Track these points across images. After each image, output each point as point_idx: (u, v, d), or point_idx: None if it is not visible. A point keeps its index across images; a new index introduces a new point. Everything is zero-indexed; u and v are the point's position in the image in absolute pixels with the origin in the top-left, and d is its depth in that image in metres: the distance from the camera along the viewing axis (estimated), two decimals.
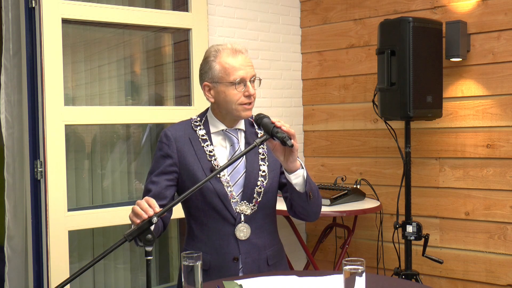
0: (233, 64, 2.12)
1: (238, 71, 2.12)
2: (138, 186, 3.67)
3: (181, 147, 2.17)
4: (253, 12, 4.00)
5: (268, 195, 2.21)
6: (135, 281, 3.68)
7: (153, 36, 3.76)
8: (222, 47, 2.17)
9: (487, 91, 3.47)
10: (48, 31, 2.97)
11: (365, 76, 4.01)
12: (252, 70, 2.16)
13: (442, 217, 3.67)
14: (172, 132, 2.20)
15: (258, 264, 2.19)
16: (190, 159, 2.16)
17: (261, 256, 2.19)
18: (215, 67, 2.14)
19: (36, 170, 3.00)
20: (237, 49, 2.16)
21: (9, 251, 3.09)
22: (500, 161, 3.43)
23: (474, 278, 3.56)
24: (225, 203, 2.14)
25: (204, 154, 2.17)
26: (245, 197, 2.17)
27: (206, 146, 2.18)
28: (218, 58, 2.14)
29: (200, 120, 2.23)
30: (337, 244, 4.12)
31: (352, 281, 1.67)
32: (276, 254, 2.27)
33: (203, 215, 2.17)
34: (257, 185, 2.18)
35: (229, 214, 2.15)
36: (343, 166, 4.15)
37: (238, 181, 2.17)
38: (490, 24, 3.44)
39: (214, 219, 2.16)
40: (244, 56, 2.16)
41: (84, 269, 1.65)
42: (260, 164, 2.20)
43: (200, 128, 2.21)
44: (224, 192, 2.14)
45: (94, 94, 3.59)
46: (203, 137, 2.19)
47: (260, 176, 2.19)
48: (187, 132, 2.20)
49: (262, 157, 2.22)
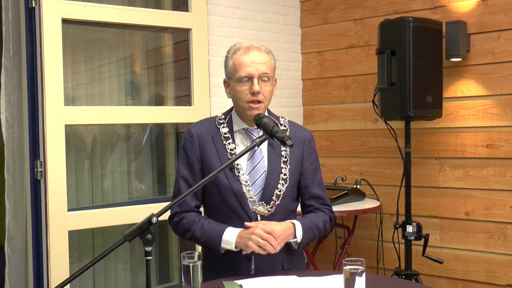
0: (242, 61, 2.12)
1: (246, 67, 2.11)
2: (138, 186, 3.67)
3: (203, 144, 2.17)
4: (253, 12, 4.00)
5: (286, 199, 2.18)
6: (135, 281, 3.68)
7: (153, 36, 3.76)
8: (241, 44, 2.17)
9: (487, 91, 3.47)
10: (48, 31, 2.97)
11: (365, 76, 4.01)
12: (264, 67, 2.12)
13: (442, 217, 3.67)
14: (196, 129, 2.21)
15: (272, 267, 2.15)
16: (211, 156, 2.16)
17: (277, 260, 2.16)
18: (229, 63, 2.16)
19: (36, 170, 3.00)
20: (252, 46, 2.14)
21: (9, 251, 3.09)
22: (500, 161, 3.43)
23: (474, 278, 3.56)
24: (242, 202, 2.13)
25: (225, 152, 2.16)
26: (264, 198, 2.15)
27: (228, 144, 2.17)
28: (234, 54, 2.15)
29: (224, 118, 2.23)
30: (337, 244, 4.12)
31: (352, 281, 1.67)
32: (295, 259, 2.22)
33: (220, 213, 2.17)
34: (277, 188, 2.16)
35: (245, 213, 2.13)
36: (343, 166, 4.15)
37: (257, 181, 2.15)
38: (490, 24, 3.44)
39: (230, 217, 2.15)
40: (258, 53, 2.13)
41: (84, 269, 1.65)
42: (282, 167, 2.18)
43: (224, 126, 2.21)
44: (241, 192, 2.13)
45: (94, 94, 3.59)
46: (226, 135, 2.19)
47: (281, 179, 2.17)
48: (210, 130, 2.20)
49: (285, 159, 2.20)
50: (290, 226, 2.11)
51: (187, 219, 2.15)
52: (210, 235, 2.09)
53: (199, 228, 2.12)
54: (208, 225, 2.12)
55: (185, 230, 2.16)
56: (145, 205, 3.31)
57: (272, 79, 2.16)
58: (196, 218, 2.16)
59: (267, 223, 2.06)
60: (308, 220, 2.19)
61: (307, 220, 2.19)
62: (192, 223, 2.14)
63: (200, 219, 2.15)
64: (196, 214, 2.19)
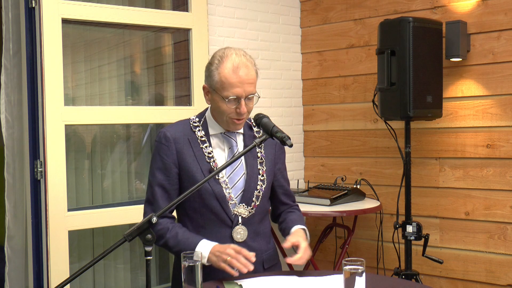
0: (231, 81, 2.05)
1: (234, 88, 2.05)
2: (138, 186, 3.67)
3: (180, 148, 2.15)
4: (253, 12, 4.00)
5: (264, 200, 2.22)
6: (135, 281, 3.68)
7: (153, 36, 3.76)
8: (227, 57, 2.08)
9: (487, 91, 3.47)
10: (48, 31, 2.97)
11: (365, 76, 4.01)
12: (251, 87, 2.07)
13: (442, 217, 3.67)
14: (171, 132, 2.17)
15: (254, 267, 2.17)
16: (188, 160, 2.14)
17: (257, 259, 2.16)
18: (215, 76, 2.08)
19: (36, 170, 3.00)
20: (240, 63, 2.06)
21: (9, 251, 3.09)
22: (500, 161, 3.43)
23: (474, 278, 3.56)
24: (223, 205, 2.13)
25: (203, 155, 2.15)
26: (244, 200, 2.16)
27: (205, 147, 2.16)
28: (219, 68, 2.07)
29: (199, 121, 2.21)
30: (337, 244, 4.12)
31: (352, 281, 1.67)
32: (272, 258, 2.28)
33: (200, 216, 2.16)
34: (257, 189, 2.18)
35: (227, 216, 2.14)
36: (343, 166, 4.15)
37: (237, 184, 2.16)
38: (490, 24, 3.44)
39: (211, 220, 2.15)
40: (246, 70, 2.06)
41: (84, 269, 1.65)
42: (259, 168, 2.20)
43: (199, 129, 2.18)
44: (223, 194, 2.13)
45: (94, 94, 3.59)
46: (202, 138, 2.17)
47: (259, 180, 2.19)
48: (186, 133, 2.17)
49: (261, 160, 2.22)
50: (304, 234, 2.18)
51: (161, 225, 2.12)
52: (183, 245, 2.07)
53: (173, 237, 2.11)
54: (182, 235, 2.10)
55: (159, 237, 2.13)
56: None
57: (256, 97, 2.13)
58: (170, 226, 2.13)
59: (296, 237, 2.11)
60: (303, 222, 2.31)
61: (302, 221, 2.32)
62: (166, 231, 2.12)
63: (175, 227, 2.13)
64: (171, 221, 2.17)
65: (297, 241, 2.07)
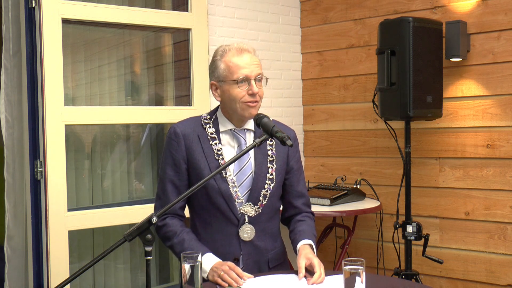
0: (237, 63, 2.12)
1: (242, 69, 2.11)
2: (138, 186, 3.67)
3: (189, 144, 2.16)
4: (253, 12, 4.00)
5: (273, 199, 2.21)
6: (135, 281, 3.68)
7: (153, 36, 3.76)
8: (229, 47, 2.16)
9: (487, 91, 3.47)
10: (48, 31, 2.97)
11: (365, 76, 4.01)
12: (258, 68, 2.14)
13: (442, 217, 3.67)
14: (181, 128, 2.19)
15: (259, 266, 2.19)
16: (197, 156, 2.15)
17: (262, 258, 2.19)
18: (220, 66, 2.14)
19: (36, 170, 3.00)
20: (243, 48, 2.15)
21: (9, 251, 3.09)
22: (500, 161, 3.43)
23: (474, 278, 3.56)
24: (229, 203, 2.14)
25: (212, 152, 2.16)
26: (251, 199, 2.16)
27: (214, 144, 2.17)
28: (224, 57, 2.15)
29: (210, 118, 2.22)
30: (337, 244, 4.12)
31: (352, 281, 1.67)
32: (278, 257, 2.27)
33: (207, 214, 2.17)
34: (264, 188, 2.17)
35: (233, 214, 2.14)
36: (343, 166, 4.15)
37: (244, 182, 2.16)
38: (490, 24, 3.44)
39: (217, 218, 2.16)
40: (250, 55, 2.15)
41: (84, 269, 1.65)
42: (268, 167, 2.19)
43: (210, 126, 2.20)
44: (229, 193, 2.13)
45: (94, 94, 3.59)
46: (212, 135, 2.18)
47: (267, 179, 2.18)
48: (196, 129, 2.19)
49: (271, 159, 2.21)
50: (312, 251, 2.13)
51: (170, 228, 2.15)
52: None
53: (179, 243, 2.12)
54: (188, 244, 2.10)
55: (166, 238, 2.16)
56: (145, 205, 3.31)
57: (264, 79, 2.18)
58: (179, 230, 2.15)
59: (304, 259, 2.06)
60: (311, 234, 2.23)
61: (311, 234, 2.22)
62: (173, 235, 2.14)
63: (182, 233, 2.14)
64: (181, 224, 2.18)
65: (307, 262, 2.04)
